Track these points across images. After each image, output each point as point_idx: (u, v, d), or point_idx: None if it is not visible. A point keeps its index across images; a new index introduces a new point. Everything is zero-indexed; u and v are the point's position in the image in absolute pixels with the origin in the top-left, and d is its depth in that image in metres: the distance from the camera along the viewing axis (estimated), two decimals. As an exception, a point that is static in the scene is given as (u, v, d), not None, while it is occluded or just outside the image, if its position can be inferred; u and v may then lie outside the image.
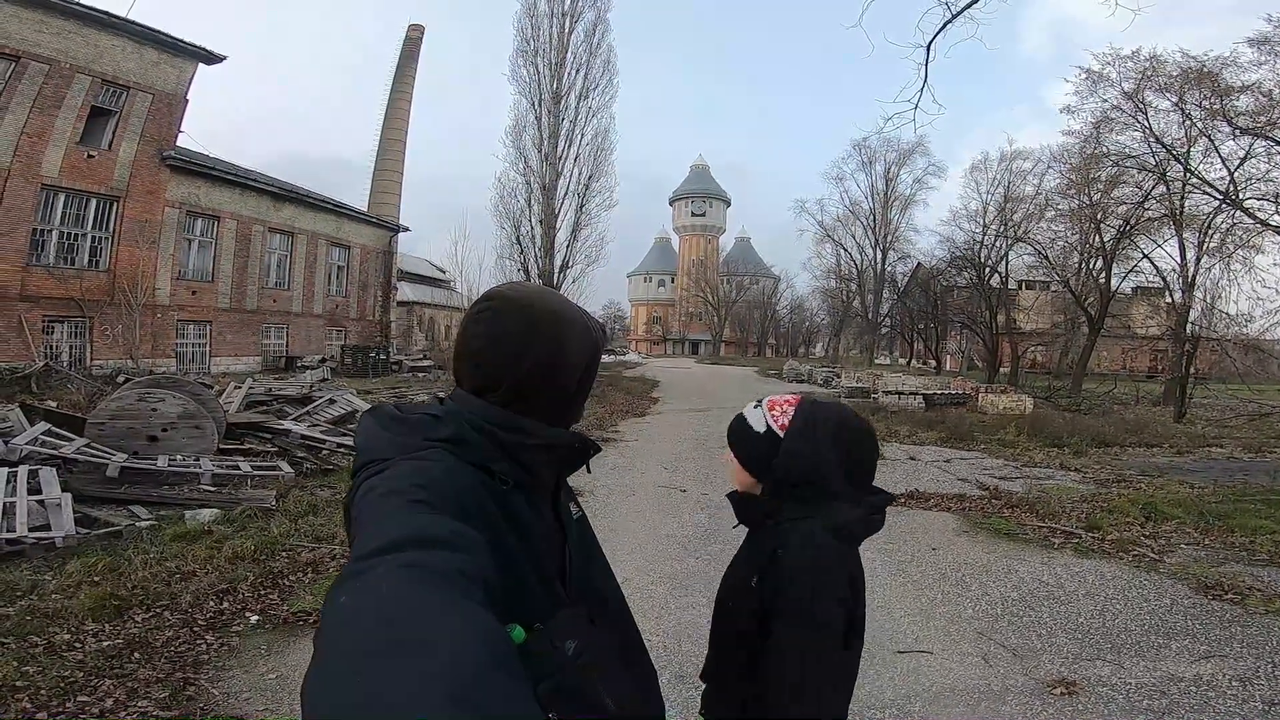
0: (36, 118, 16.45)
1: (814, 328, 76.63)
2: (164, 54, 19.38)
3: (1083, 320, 26.87)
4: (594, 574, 0.98)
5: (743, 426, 1.32)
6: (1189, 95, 18.97)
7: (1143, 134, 20.72)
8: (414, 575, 0.56)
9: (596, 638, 0.86)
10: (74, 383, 12.54)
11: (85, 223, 17.94)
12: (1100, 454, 11.15)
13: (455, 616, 0.52)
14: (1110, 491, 8.01)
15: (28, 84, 16.25)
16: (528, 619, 0.75)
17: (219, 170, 22.08)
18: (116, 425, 7.69)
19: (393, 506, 0.69)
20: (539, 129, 23.19)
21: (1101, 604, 4.51)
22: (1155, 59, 19.69)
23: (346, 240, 28.35)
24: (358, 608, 0.53)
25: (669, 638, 3.85)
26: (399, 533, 0.62)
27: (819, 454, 1.23)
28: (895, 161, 47.86)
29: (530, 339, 0.89)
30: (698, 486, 7.96)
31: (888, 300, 48.18)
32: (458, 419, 0.85)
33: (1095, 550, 5.70)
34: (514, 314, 0.90)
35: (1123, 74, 20.48)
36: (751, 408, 1.34)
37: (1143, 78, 20.00)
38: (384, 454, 0.81)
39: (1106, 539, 5.95)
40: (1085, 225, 24.51)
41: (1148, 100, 20.22)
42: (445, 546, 0.62)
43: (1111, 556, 5.54)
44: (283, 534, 5.33)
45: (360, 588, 0.55)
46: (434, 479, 0.75)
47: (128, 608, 3.74)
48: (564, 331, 0.91)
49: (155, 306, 19.43)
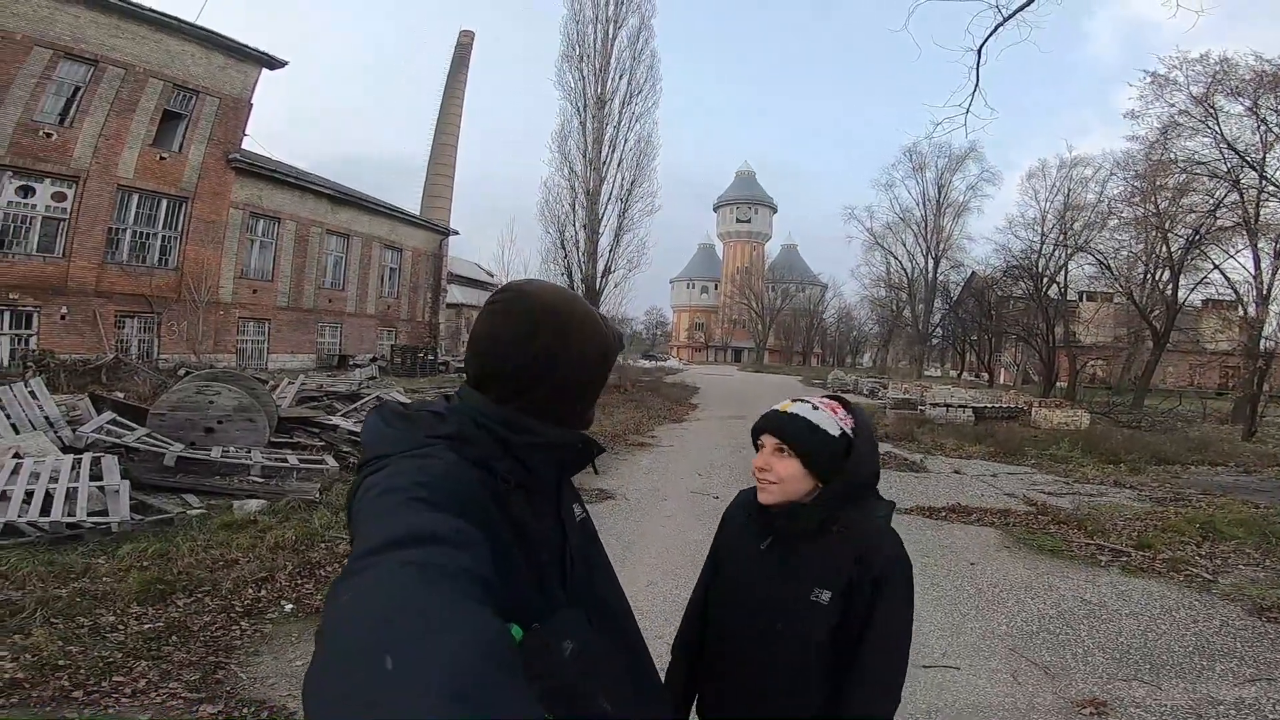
0: (114, 120, 17.37)
1: (861, 337, 75.03)
2: (230, 59, 20.27)
3: (1147, 334, 25.64)
4: (596, 578, 0.97)
5: (810, 428, 1.26)
6: (1263, 99, 18.27)
7: (1213, 139, 19.97)
8: (414, 573, 0.56)
9: (596, 640, 0.86)
10: (141, 375, 13.20)
11: (156, 222, 18.88)
12: (1160, 471, 10.70)
13: (455, 615, 0.52)
14: (1167, 510, 7.68)
15: (106, 87, 17.17)
16: (525, 619, 0.75)
17: (280, 173, 22.96)
18: (176, 416, 8.04)
19: (393, 504, 0.69)
20: (583, 134, 23.39)
21: (1145, 624, 4.35)
22: (1226, 62, 19.02)
23: (399, 243, 29.16)
24: (358, 606, 0.53)
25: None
26: (399, 530, 0.62)
27: (876, 453, 1.32)
28: (947, 167, 46.76)
29: (535, 335, 0.88)
30: (730, 493, 7.78)
31: (939, 310, 46.90)
32: (461, 416, 0.86)
33: (1145, 569, 5.51)
34: (522, 309, 0.90)
35: (1191, 78, 19.81)
36: (810, 409, 1.29)
37: (1213, 81, 19.30)
38: (385, 450, 0.82)
39: (1158, 558, 5.73)
40: (1151, 234, 23.57)
41: (1218, 105, 19.45)
42: (445, 544, 0.62)
43: (1162, 576, 5.35)
44: (323, 526, 5.48)
45: (361, 586, 0.56)
46: (434, 476, 0.75)
47: (171, 592, 3.93)
48: (571, 331, 0.90)
49: (218, 304, 20.34)
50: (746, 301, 73.82)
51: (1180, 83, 20.02)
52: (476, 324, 0.93)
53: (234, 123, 20.50)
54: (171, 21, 18.38)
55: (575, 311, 0.92)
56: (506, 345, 0.89)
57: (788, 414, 1.29)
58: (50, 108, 16.36)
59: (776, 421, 1.29)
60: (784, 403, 1.34)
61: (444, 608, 0.52)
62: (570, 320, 0.91)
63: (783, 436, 1.27)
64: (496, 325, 0.90)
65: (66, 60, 16.42)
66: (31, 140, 15.80)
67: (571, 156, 23.55)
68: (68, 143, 16.50)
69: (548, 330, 0.89)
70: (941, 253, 47.06)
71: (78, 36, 16.49)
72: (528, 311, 0.89)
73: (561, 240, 23.76)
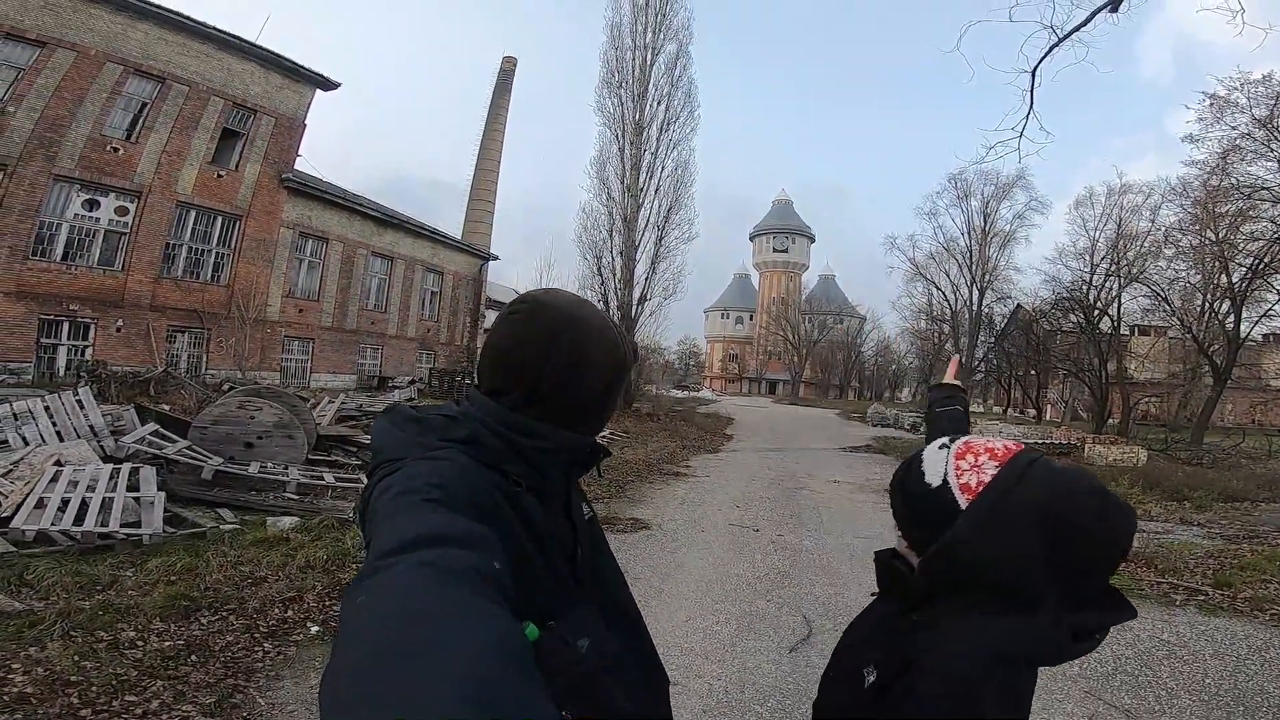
0: (176, 137, 17.97)
1: (901, 371, 73.50)
2: (287, 79, 20.90)
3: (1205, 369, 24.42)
4: (605, 575, 0.98)
5: (911, 470, 0.93)
6: None
7: (1278, 163, 19.05)
8: (430, 574, 0.57)
9: (609, 637, 0.88)
10: (187, 389, 13.49)
11: (211, 239, 19.38)
12: (1227, 509, 10.23)
13: (471, 615, 0.52)
14: (1240, 548, 7.29)
15: (170, 104, 17.82)
16: (541, 617, 0.74)
17: (330, 194, 23.51)
18: (217, 430, 8.14)
19: (408, 506, 0.70)
20: (621, 160, 23.60)
21: (1233, 665, 4.07)
22: None
23: (441, 266, 29.63)
24: (374, 608, 0.54)
25: (731, 682, 3.58)
26: (415, 531, 0.63)
27: (1009, 546, 0.81)
28: (993, 196, 45.31)
29: (553, 344, 0.89)
30: (771, 528, 7.61)
31: (983, 344, 45.58)
32: (473, 420, 0.86)
33: (1225, 608, 5.23)
34: (541, 319, 0.90)
35: (1253, 99, 18.95)
36: (936, 447, 0.93)
37: (1277, 103, 18.48)
38: (398, 453, 0.82)
39: (1238, 597, 5.42)
40: (1210, 264, 22.47)
41: None
42: (460, 545, 0.62)
43: (1244, 615, 5.07)
44: (356, 546, 5.37)
45: (377, 587, 0.56)
46: (449, 478, 0.76)
47: (196, 609, 3.83)
48: (589, 341, 0.90)
49: (265, 322, 20.80)
50: (782, 333, 73.17)
51: (1242, 105, 19.21)
52: (493, 332, 0.94)
53: (288, 142, 21.08)
54: (234, 41, 19.06)
55: (593, 322, 0.93)
56: (525, 354, 0.89)
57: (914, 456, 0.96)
58: (118, 123, 16.97)
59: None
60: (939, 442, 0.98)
61: (459, 608, 0.53)
62: (588, 331, 0.91)
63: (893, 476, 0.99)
64: (516, 334, 0.91)
65: (135, 76, 17.07)
66: (99, 154, 16.39)
67: (610, 182, 23.78)
68: (132, 158, 17.10)
69: (566, 340, 0.89)
70: (987, 284, 45.68)
71: (147, 54, 17.17)
72: (547, 321, 0.90)
73: (599, 267, 23.88)
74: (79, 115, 15.83)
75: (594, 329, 0.92)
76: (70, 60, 15.61)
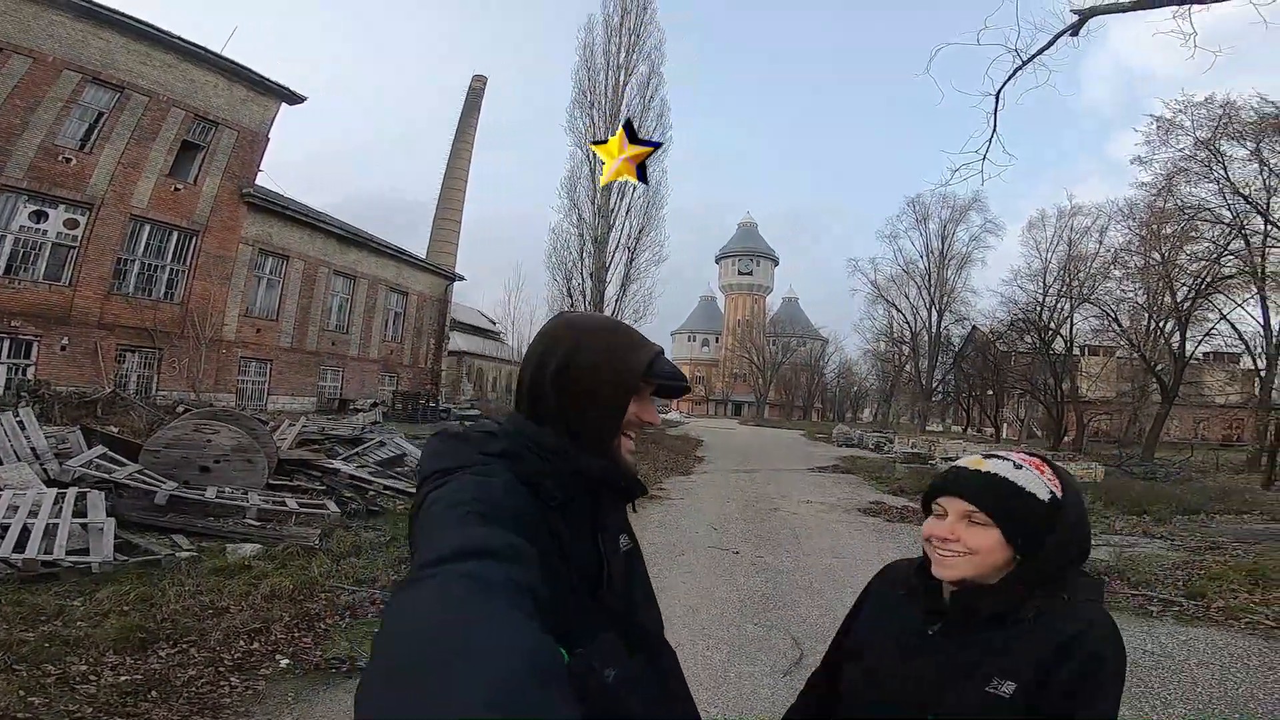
0: (133, 148, 17.31)
1: (862, 392, 74.76)
2: (251, 91, 20.38)
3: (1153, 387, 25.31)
4: (637, 606, 0.96)
5: (1015, 491, 1.03)
6: (1266, 143, 18.13)
7: (1218, 185, 19.69)
8: (468, 586, 0.58)
9: (635, 668, 0.88)
10: (137, 410, 12.87)
11: (165, 254, 18.63)
12: (1186, 521, 10.53)
13: (504, 627, 0.53)
14: (1205, 558, 7.50)
15: (129, 115, 17.17)
16: (570, 640, 0.75)
17: (292, 210, 22.91)
18: (171, 454, 7.75)
19: (453, 518, 0.72)
20: (593, 180, 23.62)
21: (1219, 673, 4.16)
22: (1230, 105, 18.79)
23: (405, 286, 29.11)
24: (412, 616, 0.56)
25: (729, 709, 3.47)
26: (457, 544, 0.65)
27: (1087, 525, 1.08)
28: (950, 219, 46.91)
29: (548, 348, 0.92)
30: (750, 549, 7.55)
31: (942, 365, 46.68)
32: (509, 436, 0.89)
33: (1200, 618, 5.39)
34: (546, 326, 0.97)
35: (1196, 122, 19.60)
36: (1011, 468, 1.05)
37: (1218, 125, 19.06)
38: (445, 466, 0.84)
39: (1212, 606, 5.59)
40: (1155, 285, 23.30)
41: (1223, 149, 19.22)
42: (500, 558, 0.64)
43: (1220, 624, 5.22)
44: (323, 574, 5.17)
45: (416, 597, 0.59)
46: (492, 492, 0.77)
47: (153, 641, 3.55)
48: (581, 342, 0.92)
49: (221, 342, 20.08)
50: (747, 355, 73.82)
51: (1186, 127, 19.79)
52: (529, 349, 0.97)
53: (250, 156, 20.52)
54: (198, 51, 18.55)
55: (589, 325, 0.96)
56: (527, 358, 0.95)
57: (985, 473, 1.05)
58: (72, 132, 16.31)
59: (970, 483, 1.05)
60: (973, 458, 1.10)
61: (493, 619, 0.54)
62: (583, 333, 0.93)
63: (980, 502, 1.03)
64: (531, 349, 0.95)
65: (93, 85, 16.46)
66: (50, 164, 15.69)
67: (580, 203, 23.77)
68: (85, 169, 16.41)
69: (561, 342, 0.92)
70: (945, 305, 46.97)
71: (107, 62, 16.58)
72: (550, 326, 0.96)
73: (568, 288, 23.76)
74: (31, 123, 15.22)
75: (588, 331, 0.94)
76: (26, 67, 15.04)
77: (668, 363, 0.97)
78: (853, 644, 1.18)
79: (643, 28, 24.28)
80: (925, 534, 1.08)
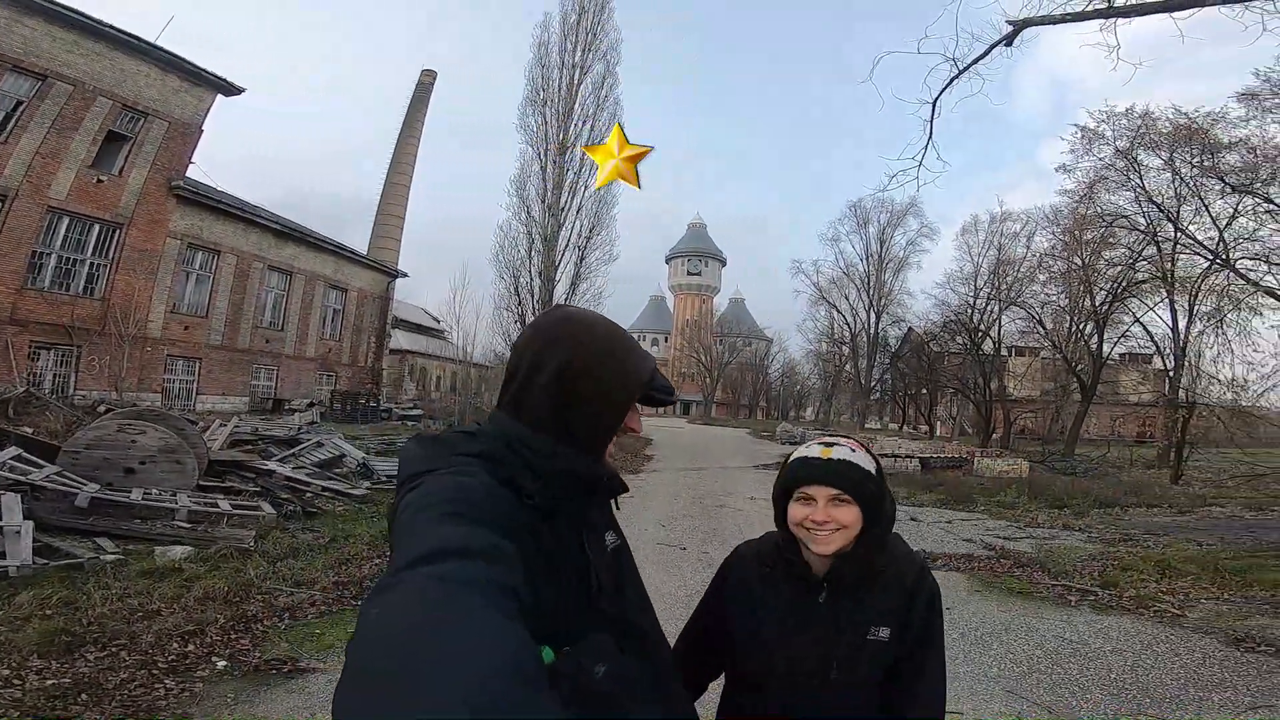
0: (53, 138, 16.37)
1: (805, 391, 76.44)
2: (185, 81, 19.49)
3: (1074, 386, 26.75)
4: (627, 604, 0.95)
5: (864, 473, 1.23)
6: (1179, 153, 18.84)
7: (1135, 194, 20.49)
8: (444, 588, 0.57)
9: (625, 666, 0.85)
10: (53, 410, 12.14)
11: (85, 248, 17.69)
12: (1102, 514, 11.13)
13: (482, 630, 0.52)
14: (1118, 550, 7.95)
15: (50, 104, 16.23)
16: (555, 639, 0.75)
17: (225, 204, 22.02)
18: (92, 455, 7.41)
19: (429, 519, 0.70)
20: (543, 179, 23.45)
21: (1131, 659, 4.43)
22: (1148, 116, 19.54)
23: (344, 283, 28.27)
24: (388, 621, 0.54)
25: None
26: (432, 544, 0.63)
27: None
28: (889, 223, 47.92)
29: (529, 340, 0.92)
30: (697, 544, 7.70)
31: (880, 364, 48.12)
32: (488, 436, 0.88)
33: (1114, 607, 5.69)
34: (540, 326, 0.94)
35: (1117, 131, 20.33)
36: (850, 451, 1.25)
37: (1136, 135, 19.82)
38: (420, 468, 0.83)
39: (1124, 596, 5.92)
40: (1077, 288, 24.40)
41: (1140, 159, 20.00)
42: (478, 558, 0.62)
43: (1131, 612, 5.54)
44: (259, 576, 5.06)
45: (391, 600, 0.57)
46: (470, 492, 0.76)
47: (80, 645, 3.43)
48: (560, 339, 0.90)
49: (146, 339, 19.09)
50: (696, 354, 74.51)
51: (1107, 136, 20.53)
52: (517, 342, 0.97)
53: (181, 148, 19.62)
54: (130, 40, 17.67)
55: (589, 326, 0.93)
56: (519, 354, 0.92)
57: (840, 461, 1.24)
58: (-14, 121, 15.30)
59: (832, 471, 1.23)
60: (818, 448, 1.27)
61: (471, 622, 0.53)
62: (583, 335, 0.91)
63: (844, 486, 1.22)
64: (519, 340, 0.93)
65: (12, 73, 15.53)
66: (-42, 154, 14.69)
67: (530, 201, 23.53)
68: (-2, 158, 15.43)
69: (561, 342, 0.90)
70: (883, 308, 48.30)
71: (29, 49, 15.66)
72: (547, 323, 0.94)
73: (516, 286, 23.52)
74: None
75: (570, 324, 0.92)
76: (-63, 54, 14.01)
77: (661, 374, 0.98)
78: (740, 623, 1.31)
79: (600, 27, 24.22)
80: (797, 520, 1.23)
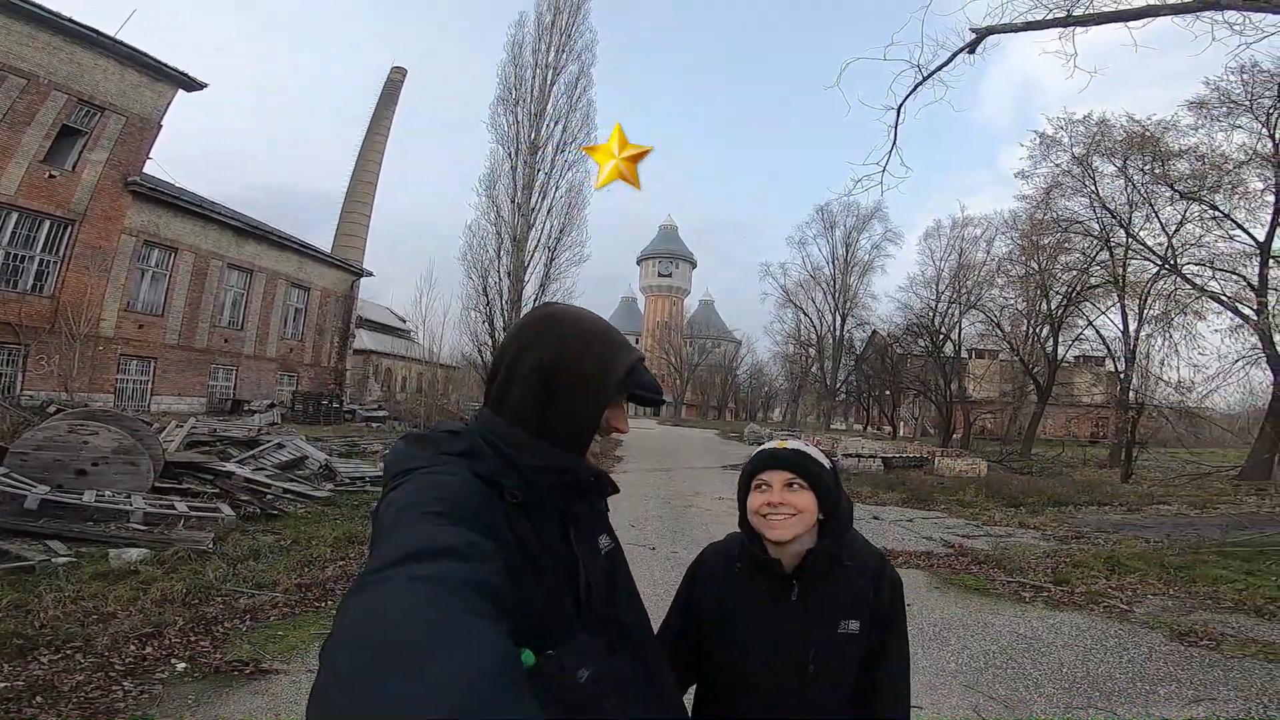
0: (4, 132, 15.85)
1: (773, 392, 77.26)
2: (145, 76, 18.99)
3: (1031, 388, 27.56)
4: (618, 606, 0.95)
5: (816, 461, 1.30)
6: (1132, 160, 19.46)
7: (1089, 200, 21.13)
8: (423, 588, 0.56)
9: (615, 667, 0.86)
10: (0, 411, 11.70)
11: (35, 244, 17.12)
12: (1056, 513, 11.41)
13: (460, 631, 0.52)
14: (1071, 547, 8.16)
15: (1, 97, 15.71)
16: (541, 640, 0.75)
17: (183, 200, 21.44)
18: (41, 456, 7.18)
19: (410, 518, 0.70)
20: (513, 179, 23.21)
21: (1082, 654, 4.54)
22: (1104, 123, 20.11)
23: (307, 282, 27.69)
24: (365, 621, 0.54)
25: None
26: (413, 544, 0.63)
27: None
28: (855, 227, 48.67)
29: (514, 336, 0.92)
30: (666, 545, 7.73)
31: (845, 366, 48.90)
32: (472, 435, 0.88)
33: (1066, 603, 5.82)
34: (528, 322, 0.93)
35: (1074, 138, 20.94)
36: (804, 445, 1.33)
37: (1092, 142, 20.41)
38: (404, 467, 0.83)
39: (1075, 592, 6.07)
40: (1034, 292, 25.09)
41: (1095, 165, 20.61)
42: (458, 557, 0.62)
43: (1082, 608, 5.67)
44: (219, 578, 4.98)
45: (369, 601, 0.56)
46: (451, 490, 0.76)
47: (33, 648, 3.34)
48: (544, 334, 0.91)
49: (98, 338, 18.48)
50: (666, 356, 74.76)
51: (1065, 143, 21.19)
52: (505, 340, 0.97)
53: (138, 144, 19.08)
54: (88, 34, 17.15)
55: (573, 322, 0.93)
56: (503, 350, 0.92)
57: (795, 451, 1.31)
58: (-66, 116, 14.70)
59: (786, 458, 1.30)
60: (777, 443, 1.35)
61: (449, 624, 0.52)
62: (567, 331, 0.91)
63: (798, 470, 1.28)
64: (508, 335, 0.94)
65: None
66: (-98, 148, 14.05)
67: (500, 201, 23.25)
68: (-55, 153, 14.82)
69: (544, 338, 0.90)
70: (848, 310, 49.09)
71: None
72: (532, 319, 0.94)
73: (484, 286, 23.20)
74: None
75: (554, 320, 0.93)
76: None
77: (647, 372, 0.97)
78: (713, 624, 1.33)
79: (574, 28, 24.04)
80: (754, 507, 1.29)
